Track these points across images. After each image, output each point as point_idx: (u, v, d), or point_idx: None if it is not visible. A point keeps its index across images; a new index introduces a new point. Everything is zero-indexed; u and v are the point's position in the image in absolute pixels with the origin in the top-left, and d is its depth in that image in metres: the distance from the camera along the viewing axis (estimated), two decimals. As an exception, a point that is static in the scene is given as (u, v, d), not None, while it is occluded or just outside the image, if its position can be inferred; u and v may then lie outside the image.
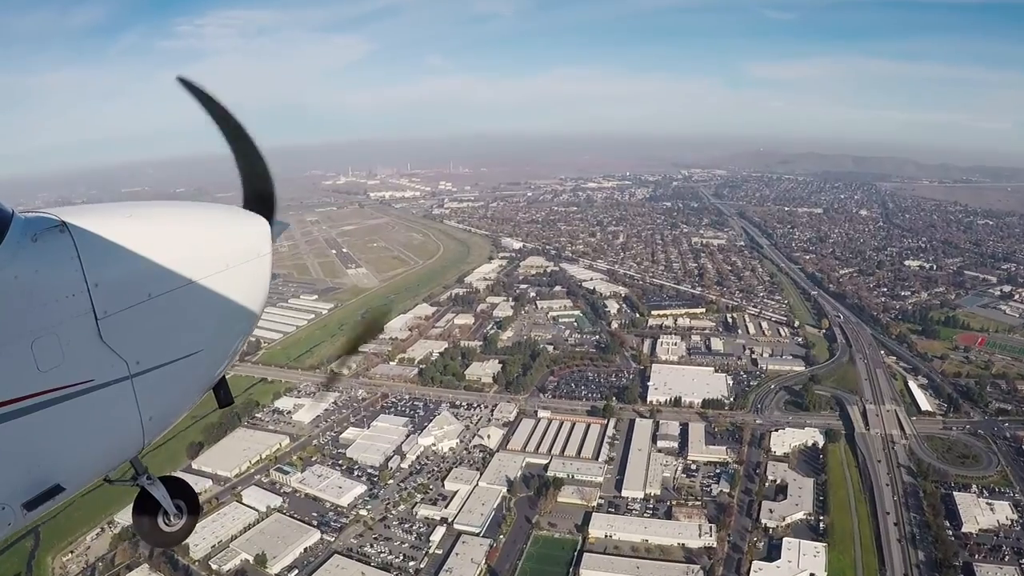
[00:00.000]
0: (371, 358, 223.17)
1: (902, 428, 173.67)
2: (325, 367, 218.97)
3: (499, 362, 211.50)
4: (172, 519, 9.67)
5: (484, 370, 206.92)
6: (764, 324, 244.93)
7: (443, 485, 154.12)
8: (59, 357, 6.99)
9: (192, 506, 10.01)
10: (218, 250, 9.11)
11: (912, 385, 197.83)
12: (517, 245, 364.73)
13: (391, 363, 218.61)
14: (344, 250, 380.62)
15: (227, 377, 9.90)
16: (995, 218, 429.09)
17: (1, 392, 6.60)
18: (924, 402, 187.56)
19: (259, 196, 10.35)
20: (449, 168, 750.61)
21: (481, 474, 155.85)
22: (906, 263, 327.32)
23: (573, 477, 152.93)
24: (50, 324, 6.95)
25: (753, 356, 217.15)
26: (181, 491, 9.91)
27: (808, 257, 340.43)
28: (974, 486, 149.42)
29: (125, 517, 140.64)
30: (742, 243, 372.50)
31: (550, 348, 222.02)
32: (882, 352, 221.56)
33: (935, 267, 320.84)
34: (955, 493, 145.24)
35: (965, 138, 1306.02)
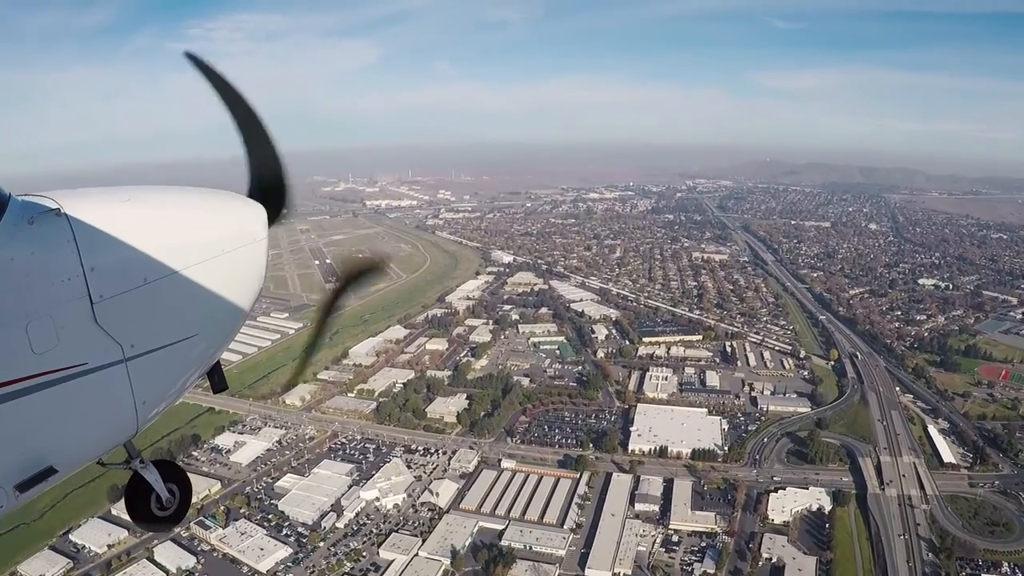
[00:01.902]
0: (328, 387, 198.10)
1: (922, 487, 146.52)
2: (278, 397, 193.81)
3: (466, 397, 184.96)
4: (165, 503, 9.44)
5: (448, 407, 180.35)
6: (766, 354, 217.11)
7: (378, 552, 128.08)
8: (54, 340, 6.81)
9: (185, 491, 9.71)
10: (214, 235, 8.77)
11: (932, 431, 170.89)
12: (507, 259, 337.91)
13: (349, 395, 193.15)
14: (328, 262, 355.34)
15: (180, 406, 13.37)
16: (1009, 232, 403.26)
17: None
18: (947, 452, 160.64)
19: (267, 184, 9.81)
20: (451, 176, 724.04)
21: (424, 541, 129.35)
22: (920, 282, 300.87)
23: (531, 548, 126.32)
24: (45, 307, 6.78)
25: (753, 394, 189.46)
26: (174, 475, 9.61)
27: (815, 275, 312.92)
28: (1005, 565, 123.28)
29: (29, 567, 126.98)
30: (745, 259, 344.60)
31: (525, 381, 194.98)
32: (897, 389, 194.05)
33: (951, 286, 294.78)
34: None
35: (972, 149, 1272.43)
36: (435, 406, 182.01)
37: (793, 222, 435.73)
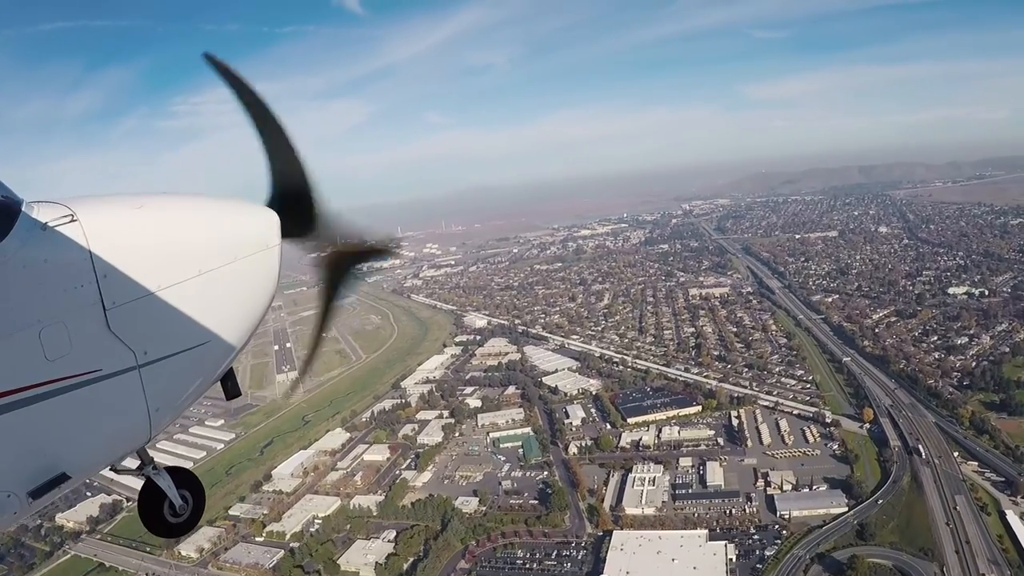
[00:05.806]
0: (234, 530, 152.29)
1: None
2: (169, 550, 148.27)
3: (393, 537, 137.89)
4: (178, 510, 8.93)
5: (367, 556, 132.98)
6: (783, 424, 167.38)
7: None
8: (67, 346, 6.64)
9: (198, 497, 9.19)
10: (227, 242, 8.41)
11: (1013, 521, 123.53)
12: (481, 323, 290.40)
13: (257, 539, 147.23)
14: (288, 345, 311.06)
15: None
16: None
17: (8, 380, 6.28)
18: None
19: (288, 193, 9.11)
20: (441, 227, 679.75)
21: None
22: (950, 291, 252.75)
23: None
24: (58, 313, 6.62)
25: (769, 491, 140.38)
26: (187, 482, 9.10)
27: (831, 300, 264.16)
28: None
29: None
30: (749, 289, 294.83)
31: (473, 503, 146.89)
32: (956, 456, 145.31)
33: (986, 291, 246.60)
34: None
35: (968, 132, 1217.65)
36: (351, 554, 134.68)
37: (797, 236, 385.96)
